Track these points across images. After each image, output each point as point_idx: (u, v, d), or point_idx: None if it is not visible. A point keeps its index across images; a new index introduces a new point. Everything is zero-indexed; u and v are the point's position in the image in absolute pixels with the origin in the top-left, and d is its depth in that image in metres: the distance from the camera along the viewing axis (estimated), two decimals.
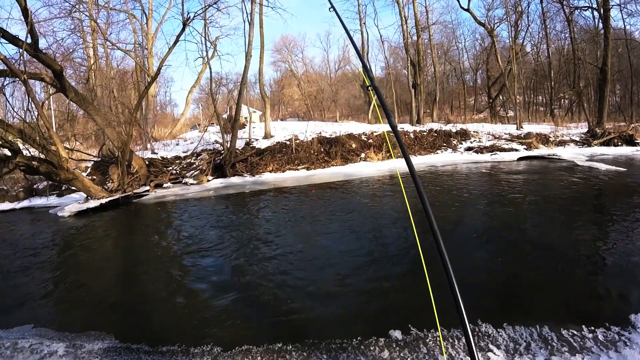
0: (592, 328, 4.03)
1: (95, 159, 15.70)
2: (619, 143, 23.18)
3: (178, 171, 15.94)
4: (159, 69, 15.81)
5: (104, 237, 8.84)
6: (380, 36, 48.35)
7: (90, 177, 13.69)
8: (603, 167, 15.20)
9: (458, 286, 1.69)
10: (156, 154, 18.01)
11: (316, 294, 5.02)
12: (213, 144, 18.60)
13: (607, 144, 23.22)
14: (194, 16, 15.20)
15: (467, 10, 30.48)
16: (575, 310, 4.47)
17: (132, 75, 24.26)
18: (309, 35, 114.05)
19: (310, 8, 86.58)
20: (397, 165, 16.17)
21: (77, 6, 16.18)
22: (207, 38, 19.56)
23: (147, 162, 15.43)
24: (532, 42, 42.77)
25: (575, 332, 3.97)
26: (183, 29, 14.62)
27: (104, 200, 11.36)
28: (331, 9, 3.17)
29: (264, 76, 27.44)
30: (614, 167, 14.93)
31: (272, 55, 51.74)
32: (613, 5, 28.24)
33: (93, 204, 11.14)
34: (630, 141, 23.14)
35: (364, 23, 33.03)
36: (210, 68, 20.55)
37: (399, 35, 32.87)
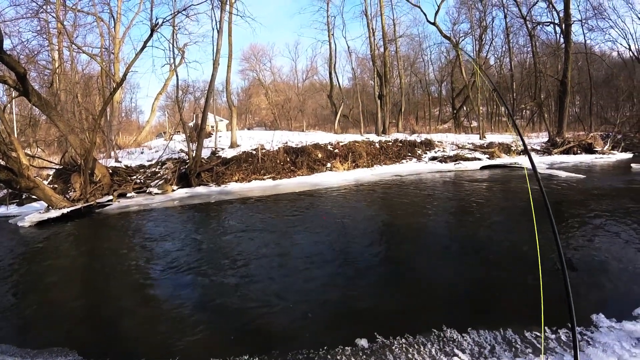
0: (555, 329, 4.20)
1: (57, 167, 15.40)
2: (579, 151, 24.52)
3: (142, 180, 15.72)
4: (124, 75, 15.73)
5: (66, 248, 8.71)
6: (348, 47, 48.93)
7: (51, 186, 13.40)
8: (563, 174, 16.00)
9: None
10: (120, 162, 17.71)
11: (282, 305, 5.05)
12: (178, 152, 18.47)
13: (567, 152, 24.52)
14: (163, 22, 15.23)
15: (434, 24, 31.40)
16: (538, 312, 4.63)
17: (98, 81, 23.77)
18: (277, 44, 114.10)
19: (280, 18, 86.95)
20: (524, 162, 16.47)
21: (44, 7, 15.96)
22: (175, 45, 19.56)
23: (110, 171, 15.20)
24: (496, 56, 44.55)
25: (538, 334, 4.11)
26: (151, 35, 14.56)
27: (65, 210, 11.17)
28: None
29: (232, 84, 27.60)
30: (574, 175, 15.75)
31: (240, 63, 51.93)
32: (574, 21, 29.92)
33: (54, 213, 10.95)
34: (589, 149, 24.51)
35: (333, 34, 33.60)
36: (177, 75, 20.57)
37: (367, 46, 33.57)
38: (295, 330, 4.43)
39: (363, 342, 4.02)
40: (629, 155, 23.94)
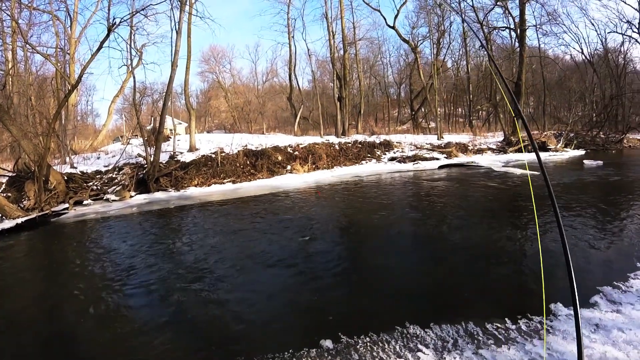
0: (516, 320, 4.36)
1: (10, 174, 14.84)
2: (533, 150, 25.70)
3: (99, 187, 15.39)
4: (80, 76, 15.48)
5: (21, 261, 8.45)
6: (308, 50, 49.12)
7: (4, 195, 13.00)
8: (518, 171, 16.93)
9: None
10: (76, 168, 17.25)
11: (246, 310, 5.07)
12: (136, 157, 18.17)
13: (521, 150, 25.67)
14: (120, 22, 15.03)
15: (393, 27, 32.38)
16: (498, 305, 4.85)
17: (52, 82, 23.00)
18: (237, 46, 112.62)
19: (240, 19, 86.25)
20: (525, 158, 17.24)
21: None
22: (132, 45, 19.31)
23: (65, 178, 14.83)
24: (453, 59, 46.22)
25: (499, 325, 4.26)
26: (108, 35, 14.31)
27: (20, 220, 10.93)
28: None
29: (191, 87, 27.38)
30: (528, 172, 16.54)
31: (199, 65, 51.61)
32: (529, 26, 31.46)
33: (8, 224, 10.69)
34: (543, 147, 25.91)
35: (293, 37, 33.84)
36: (134, 77, 20.09)
37: (327, 49, 33.96)
38: (259, 335, 4.45)
39: (328, 343, 4.07)
40: (581, 152, 25.66)
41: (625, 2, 35.71)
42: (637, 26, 36.83)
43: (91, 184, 15.46)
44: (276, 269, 6.62)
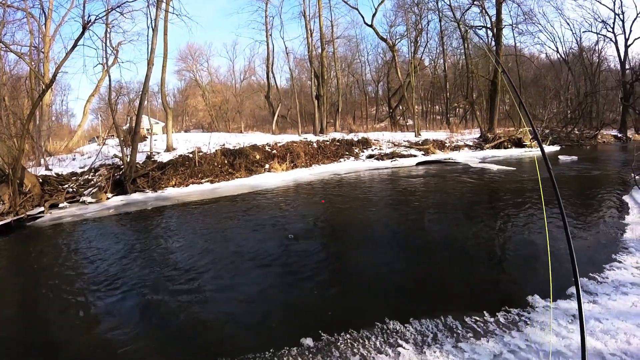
0: (494, 313, 4.45)
1: None
2: (509, 146, 26.80)
3: (75, 189, 15.17)
4: (54, 75, 15.24)
5: None
6: (286, 48, 49.35)
7: None
8: (494, 167, 17.40)
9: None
10: (51, 170, 16.95)
11: (226, 310, 5.11)
12: (112, 158, 17.96)
13: (498, 147, 26.63)
14: (96, 19, 14.73)
15: (371, 26, 32.71)
16: (477, 298, 4.95)
17: (26, 82, 22.52)
18: (215, 44, 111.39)
19: (218, 17, 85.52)
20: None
21: None
22: (108, 43, 19.07)
23: (40, 180, 14.61)
24: (430, 57, 46.93)
25: (478, 319, 4.34)
26: (83, 33, 14.06)
27: None
28: None
29: (168, 85, 27.23)
30: (504, 167, 17.21)
31: (176, 63, 51.16)
32: (505, 25, 32.16)
33: None
34: (518, 144, 26.84)
35: (271, 34, 33.95)
36: (109, 76, 19.77)
37: (304, 47, 34.09)
38: (240, 335, 4.48)
39: (308, 341, 4.11)
40: (556, 147, 26.57)
41: (600, 2, 37.10)
42: (611, 26, 38.18)
43: (67, 186, 15.20)
44: (256, 268, 6.63)
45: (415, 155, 23.62)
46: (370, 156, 23.67)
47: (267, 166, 19.87)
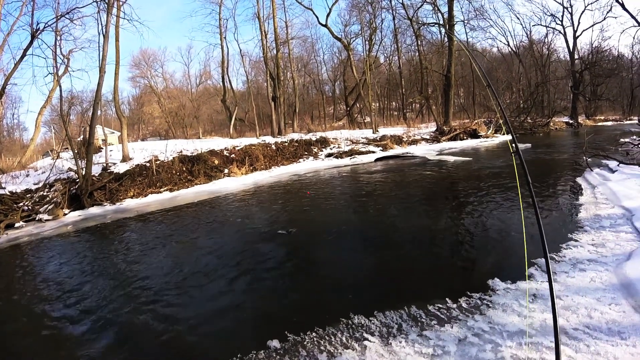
0: (456, 299, 4.58)
1: None
2: (465, 137, 28.05)
3: (30, 207, 14.65)
4: (3, 87, 14.95)
5: None
6: (241, 50, 49.00)
7: None
8: (452, 159, 18.21)
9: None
10: (4, 188, 16.04)
11: (190, 317, 5.10)
12: (67, 172, 17.52)
13: (454, 139, 27.76)
14: (45, 27, 14.63)
15: (325, 26, 33.26)
16: (439, 287, 5.08)
17: None
18: (169, 49, 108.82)
19: (171, 21, 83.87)
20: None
21: None
22: (58, 52, 18.63)
23: None
24: (385, 55, 48.09)
25: (441, 306, 4.48)
26: (32, 41, 13.97)
27: None
28: None
29: (122, 93, 26.75)
30: (461, 158, 18.06)
31: (130, 70, 50.03)
32: (457, 22, 33.38)
33: None
34: (474, 135, 28.02)
35: (225, 37, 33.90)
36: (60, 86, 19.23)
37: (260, 49, 34.17)
38: (206, 342, 4.47)
39: (275, 343, 4.14)
40: (510, 137, 27.46)
41: None
42: (560, 19, 40.22)
43: (22, 204, 14.65)
44: (217, 274, 6.65)
45: (373, 152, 24.27)
46: (329, 155, 24.14)
47: (226, 171, 19.90)
